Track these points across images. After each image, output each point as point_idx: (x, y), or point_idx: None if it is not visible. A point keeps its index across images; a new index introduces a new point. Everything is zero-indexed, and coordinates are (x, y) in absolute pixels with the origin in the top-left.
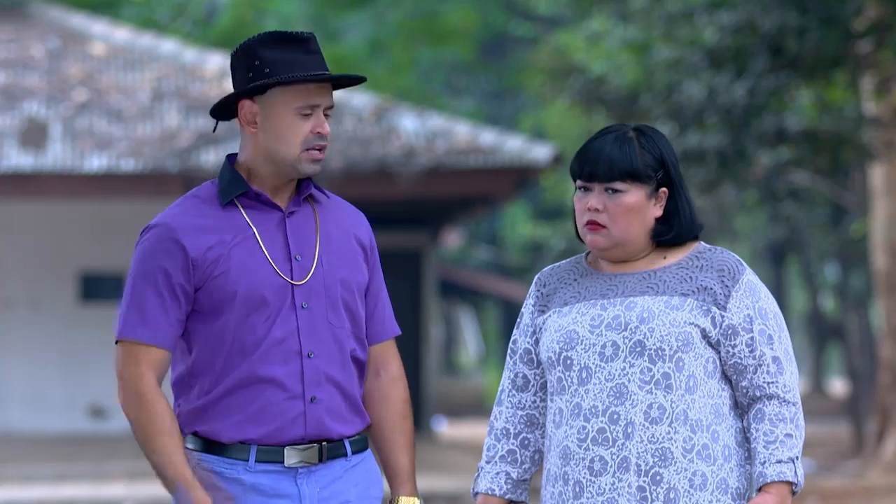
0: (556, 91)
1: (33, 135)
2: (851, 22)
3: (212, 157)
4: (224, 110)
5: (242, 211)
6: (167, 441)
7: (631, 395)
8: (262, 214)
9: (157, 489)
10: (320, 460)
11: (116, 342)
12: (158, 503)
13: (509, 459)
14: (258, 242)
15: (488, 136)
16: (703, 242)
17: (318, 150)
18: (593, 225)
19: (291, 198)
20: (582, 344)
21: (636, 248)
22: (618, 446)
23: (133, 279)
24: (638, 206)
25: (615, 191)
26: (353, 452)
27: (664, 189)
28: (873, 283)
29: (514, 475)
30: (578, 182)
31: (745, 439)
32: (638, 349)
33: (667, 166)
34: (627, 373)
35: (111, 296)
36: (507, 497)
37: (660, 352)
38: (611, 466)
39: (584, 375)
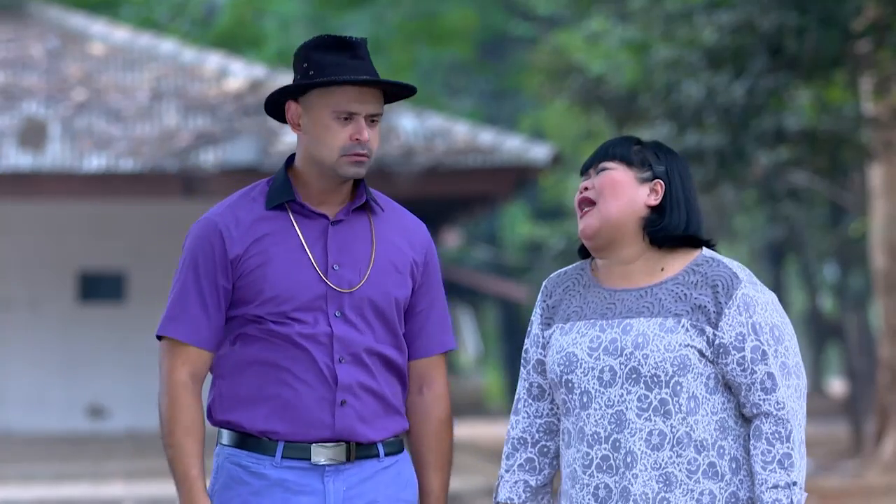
0: (555, 91)
1: (32, 135)
2: (850, 22)
3: (210, 158)
4: (276, 111)
5: (290, 215)
6: (184, 439)
7: (629, 423)
8: (308, 221)
9: (155, 488)
10: (348, 459)
11: (158, 337)
12: (157, 503)
13: (527, 468)
14: (302, 245)
15: (487, 136)
16: (706, 252)
17: (357, 155)
18: (584, 204)
19: (343, 206)
20: (581, 367)
21: (625, 235)
22: (620, 474)
23: (177, 277)
24: (624, 182)
25: (604, 169)
26: (387, 454)
27: (660, 181)
28: (872, 282)
29: (532, 483)
30: (582, 178)
31: None
32: (633, 376)
33: (670, 169)
34: (625, 399)
35: (110, 295)
36: None
37: (655, 378)
38: (615, 494)
39: (584, 400)
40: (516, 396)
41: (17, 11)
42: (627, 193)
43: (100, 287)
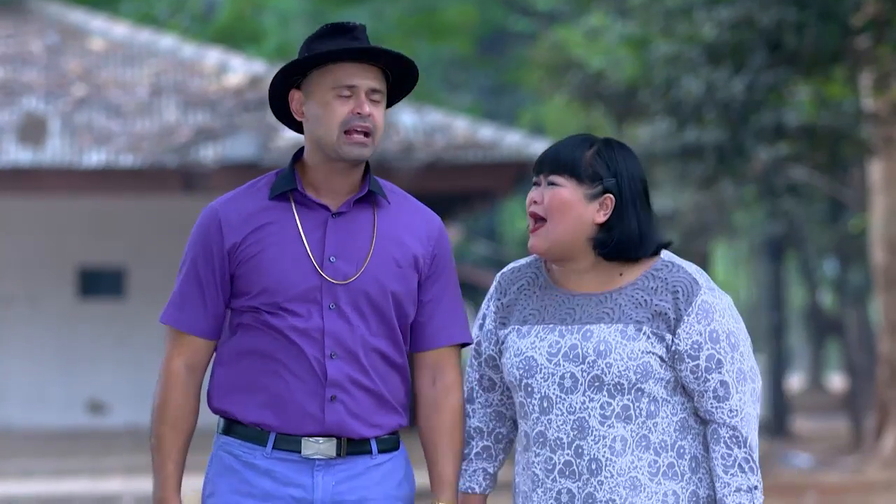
0: (554, 86)
1: (32, 130)
2: (850, 17)
3: (210, 153)
4: (285, 111)
5: (293, 206)
6: (167, 432)
7: (593, 431)
8: (310, 212)
9: None
10: (339, 455)
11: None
12: None
13: (484, 456)
14: (300, 235)
15: (487, 132)
16: (664, 256)
17: (359, 132)
18: (534, 218)
19: (347, 198)
20: (541, 373)
21: (575, 252)
22: (583, 481)
23: (181, 265)
24: (572, 203)
25: (552, 184)
26: (380, 451)
27: (610, 196)
28: (872, 278)
29: (490, 470)
30: (534, 176)
31: None
32: (596, 384)
33: (620, 178)
34: (587, 407)
35: (110, 291)
36: (486, 493)
37: (619, 386)
38: (578, 499)
39: (545, 405)
40: (468, 386)
41: (17, 7)
42: (575, 213)
43: (99, 283)
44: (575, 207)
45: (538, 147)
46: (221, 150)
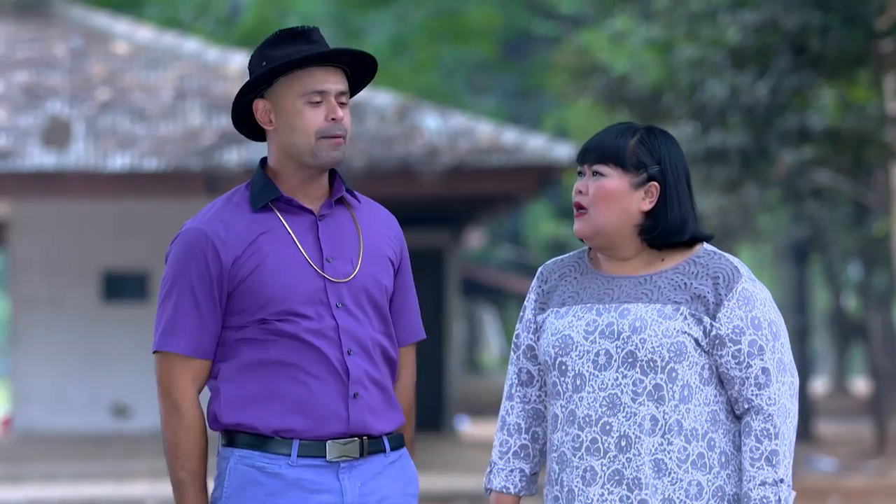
0: (578, 90)
1: (56, 134)
2: (874, 21)
3: (234, 157)
4: (245, 120)
5: (278, 213)
6: (197, 462)
7: (624, 407)
8: (296, 217)
9: None
10: (361, 455)
11: (154, 353)
12: None
13: (522, 455)
14: (294, 242)
15: (511, 136)
16: (706, 246)
17: (334, 137)
18: (578, 208)
19: (324, 201)
20: (576, 350)
21: (620, 240)
22: (609, 458)
23: (167, 289)
24: (617, 193)
25: (598, 174)
26: (392, 448)
27: (655, 183)
28: None
29: (527, 471)
30: (578, 166)
31: None
32: (630, 360)
33: (664, 165)
34: (620, 383)
35: (133, 295)
36: (521, 494)
37: (651, 363)
38: (600, 477)
39: (578, 382)
40: (508, 382)
41: (42, 11)
42: (621, 203)
43: (123, 286)
44: (621, 197)
45: (562, 151)
46: (245, 153)
